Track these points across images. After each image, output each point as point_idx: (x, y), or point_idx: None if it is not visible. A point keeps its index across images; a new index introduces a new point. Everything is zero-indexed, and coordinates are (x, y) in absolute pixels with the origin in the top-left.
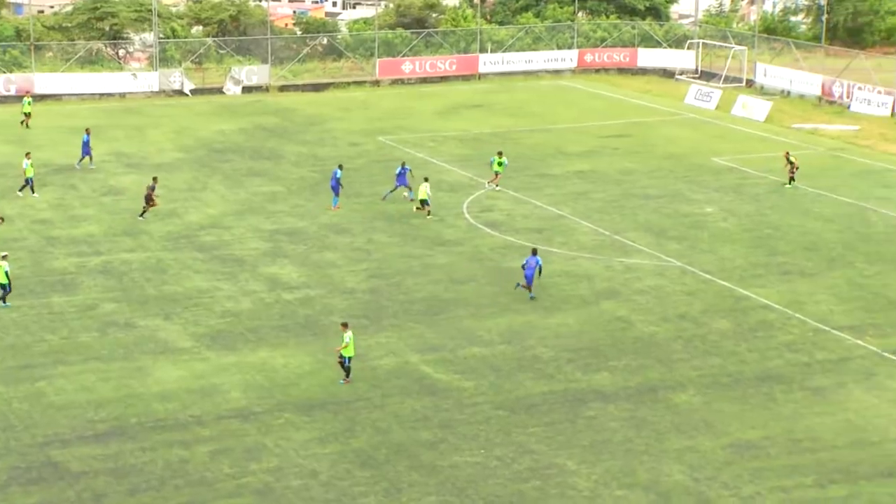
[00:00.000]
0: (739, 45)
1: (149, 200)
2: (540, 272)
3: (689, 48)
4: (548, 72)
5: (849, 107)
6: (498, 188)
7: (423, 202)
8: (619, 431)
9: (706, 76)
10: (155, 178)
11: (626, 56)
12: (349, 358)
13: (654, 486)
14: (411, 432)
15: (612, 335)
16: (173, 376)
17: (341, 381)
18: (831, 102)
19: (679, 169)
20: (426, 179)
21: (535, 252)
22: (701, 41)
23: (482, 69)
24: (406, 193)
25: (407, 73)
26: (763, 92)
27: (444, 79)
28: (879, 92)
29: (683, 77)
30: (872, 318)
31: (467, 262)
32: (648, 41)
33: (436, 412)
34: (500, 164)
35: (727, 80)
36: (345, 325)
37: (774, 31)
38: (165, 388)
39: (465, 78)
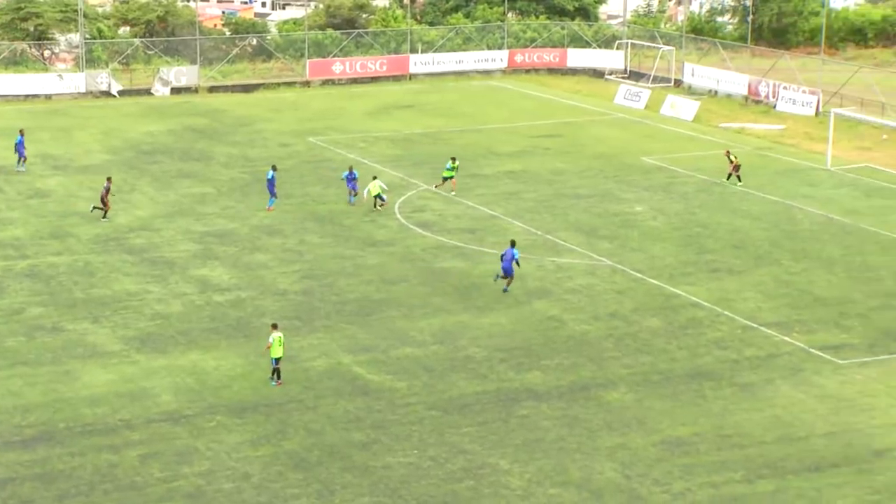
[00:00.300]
0: (667, 45)
1: (104, 200)
2: (518, 264)
3: (617, 48)
4: (478, 72)
5: (775, 106)
6: (453, 193)
7: (378, 197)
8: (552, 430)
9: (635, 76)
10: (109, 179)
11: (555, 56)
12: (276, 359)
13: (586, 483)
14: (344, 433)
15: (545, 334)
16: (102, 380)
17: (273, 383)
18: (758, 102)
19: (609, 168)
20: (375, 178)
21: (513, 244)
22: (629, 41)
23: (413, 70)
24: (351, 198)
25: (337, 73)
26: (691, 92)
27: (374, 79)
28: (804, 91)
29: (613, 77)
30: (799, 314)
31: (399, 262)
32: (578, 41)
33: (368, 413)
34: (453, 169)
35: (656, 80)
36: (274, 326)
37: (701, 31)
38: (94, 393)
39: (396, 78)
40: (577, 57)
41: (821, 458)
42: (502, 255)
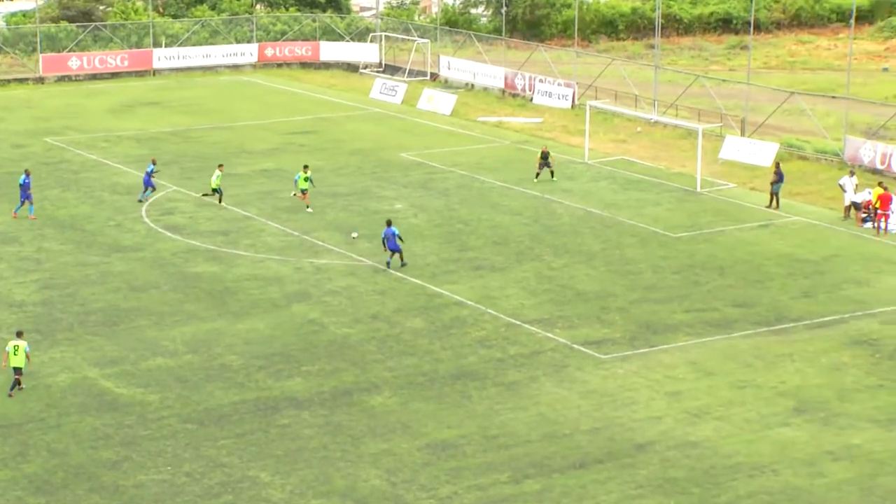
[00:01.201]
0: (422, 37)
1: None
2: (401, 239)
3: (371, 41)
4: (227, 67)
5: (531, 99)
6: (310, 210)
7: (215, 190)
8: (315, 438)
9: (391, 70)
10: None
11: (308, 50)
12: (16, 369)
13: (351, 492)
14: (91, 452)
15: (305, 339)
16: None
17: (9, 393)
18: (514, 95)
19: (367, 165)
20: (220, 166)
21: (389, 223)
22: (383, 34)
23: (157, 65)
24: (141, 195)
25: (74, 69)
26: (448, 85)
27: (115, 75)
28: (560, 84)
29: (368, 71)
30: (561, 310)
31: (148, 268)
32: (330, 34)
33: (118, 429)
34: (306, 179)
35: (412, 73)
36: (19, 334)
37: (456, 23)
38: None
39: (139, 74)
40: (331, 50)
41: (585, 454)
42: (384, 239)
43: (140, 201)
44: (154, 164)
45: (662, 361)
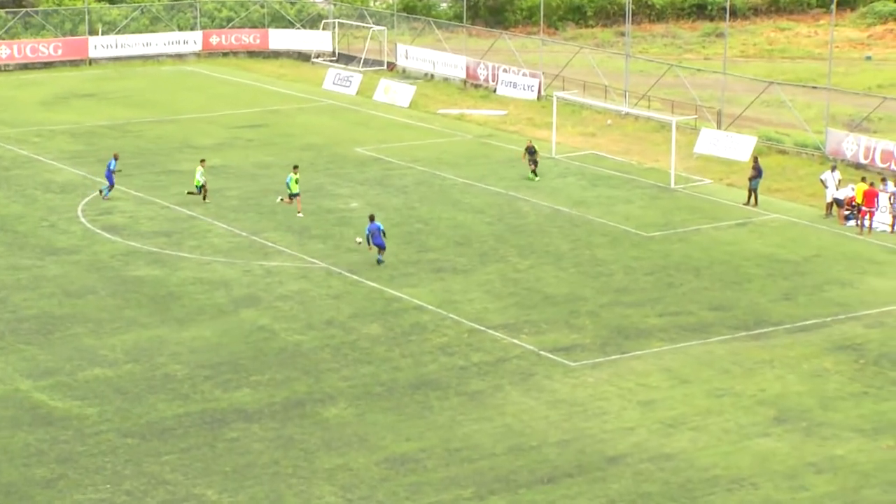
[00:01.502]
0: (378, 24)
1: None
2: (384, 234)
3: (324, 28)
4: (169, 56)
5: (495, 90)
6: (300, 215)
7: (199, 188)
8: (265, 453)
9: (345, 59)
10: None
11: (256, 38)
12: None
13: None
14: (24, 470)
15: (254, 347)
16: None
17: None
18: (477, 86)
19: (320, 161)
20: (202, 161)
21: (372, 218)
22: (336, 21)
23: (93, 54)
24: (103, 190)
25: (4, 58)
26: (406, 75)
27: (48, 65)
28: (525, 74)
29: (320, 60)
30: (528, 314)
31: (85, 272)
32: (280, 21)
33: (53, 445)
34: (296, 181)
35: (367, 62)
36: None
37: (414, 9)
38: None
39: (74, 63)
40: (280, 38)
41: (554, 467)
42: (368, 236)
43: (104, 197)
44: (116, 159)
45: (635, 369)
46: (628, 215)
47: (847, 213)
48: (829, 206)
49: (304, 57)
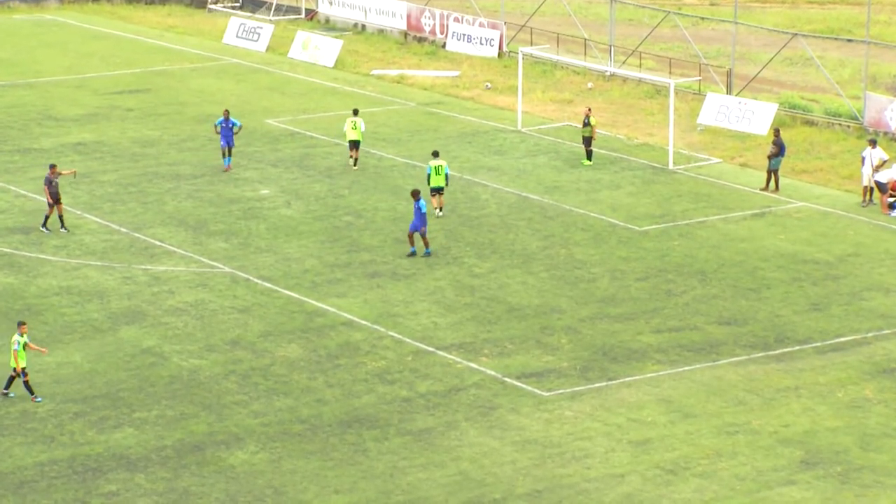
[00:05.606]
0: None
1: None
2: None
3: None
4: (24, 3)
5: (444, 45)
6: (440, 214)
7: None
8: None
9: (251, 5)
10: None
11: None
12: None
13: None
14: None
15: (139, 375)
16: None
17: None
18: (421, 40)
19: (216, 134)
20: (356, 111)
21: (417, 195)
22: None
23: None
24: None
25: None
26: (330, 26)
27: None
28: (482, 25)
29: (219, 7)
30: (489, 330)
31: None
32: None
33: None
34: (437, 171)
35: (279, 10)
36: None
37: None
38: None
39: None
40: None
41: None
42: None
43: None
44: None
45: (625, 399)
46: (615, 204)
47: (891, 200)
48: (869, 191)
49: (198, 3)
